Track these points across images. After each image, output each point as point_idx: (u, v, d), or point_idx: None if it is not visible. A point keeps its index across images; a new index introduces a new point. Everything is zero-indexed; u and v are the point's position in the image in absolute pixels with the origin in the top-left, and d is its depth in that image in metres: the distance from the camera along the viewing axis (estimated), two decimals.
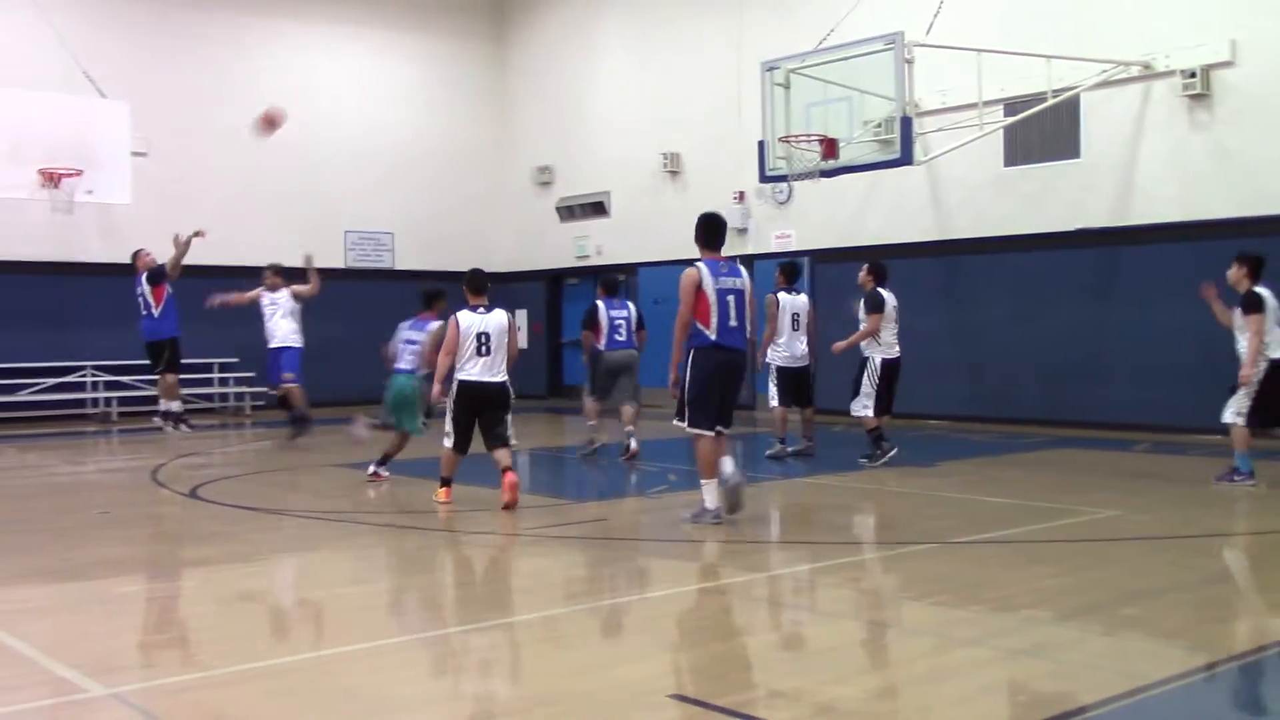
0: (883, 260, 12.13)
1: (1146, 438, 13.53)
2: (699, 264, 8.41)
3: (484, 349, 9.18)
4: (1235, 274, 10.09)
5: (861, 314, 11.63)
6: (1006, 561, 7.21)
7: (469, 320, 9.26)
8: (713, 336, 8.17)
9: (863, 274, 11.83)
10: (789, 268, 12.56)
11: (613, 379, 12.52)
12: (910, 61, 12.65)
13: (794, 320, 12.16)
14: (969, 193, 15.92)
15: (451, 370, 9.31)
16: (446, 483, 9.37)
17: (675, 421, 8.35)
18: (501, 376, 9.27)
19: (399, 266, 21.77)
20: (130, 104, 15.86)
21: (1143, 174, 14.30)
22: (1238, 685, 4.89)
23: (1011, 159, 15.46)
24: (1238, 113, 13.49)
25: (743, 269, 8.80)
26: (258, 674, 4.98)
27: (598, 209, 21.29)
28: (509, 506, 8.88)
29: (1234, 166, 13.53)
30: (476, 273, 9.82)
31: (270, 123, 13.22)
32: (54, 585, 6.81)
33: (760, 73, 14.06)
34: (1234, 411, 9.76)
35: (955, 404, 14.79)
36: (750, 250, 18.61)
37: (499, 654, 5.35)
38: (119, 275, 18.75)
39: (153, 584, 6.90)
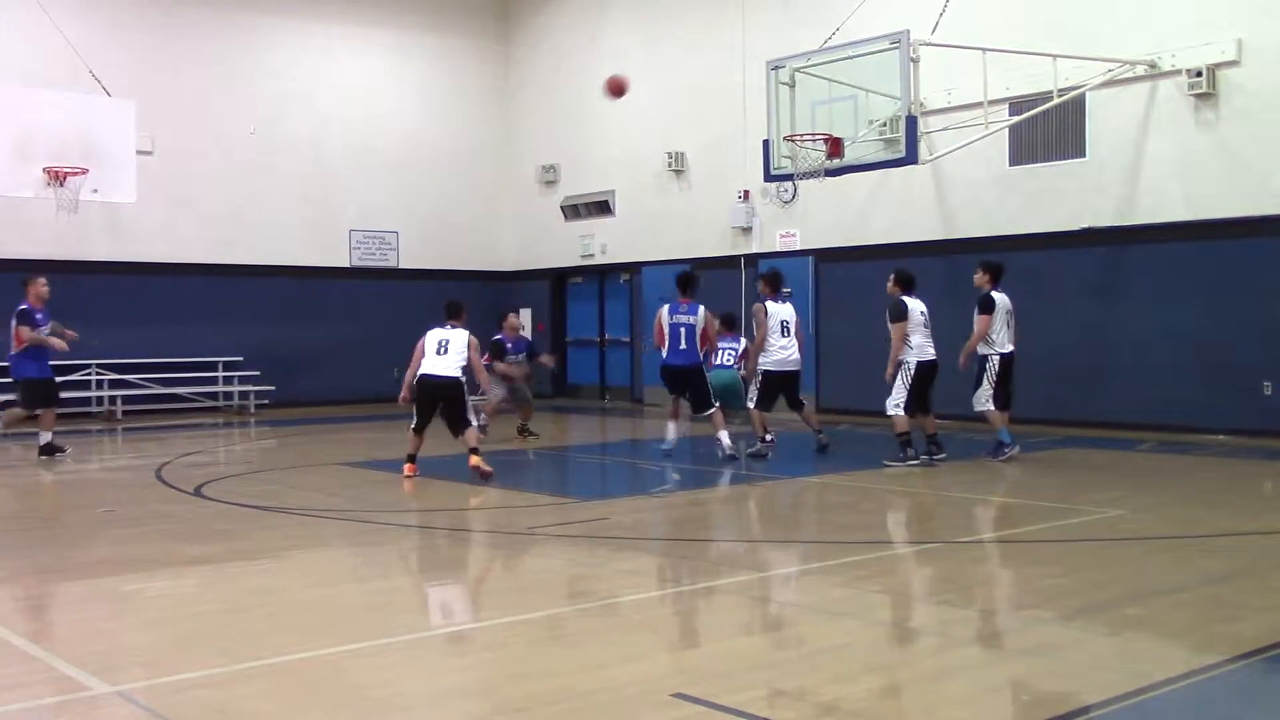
0: (901, 263, 12.23)
1: (1151, 437, 13.51)
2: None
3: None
4: (980, 278, 11.79)
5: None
6: (1010, 561, 7.21)
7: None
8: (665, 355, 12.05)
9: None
10: (772, 276, 12.59)
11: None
12: (915, 60, 12.63)
13: (783, 327, 12.21)
14: (974, 192, 15.91)
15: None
16: None
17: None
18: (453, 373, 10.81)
19: (403, 266, 21.80)
20: (136, 103, 15.87)
21: (1148, 173, 14.28)
22: (1241, 686, 4.88)
23: (1017, 158, 15.44)
24: (1244, 112, 13.47)
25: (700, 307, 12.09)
26: (263, 671, 4.98)
27: (603, 208, 21.29)
28: None
29: (1240, 166, 13.51)
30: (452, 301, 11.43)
31: (617, 89, 13.00)
32: (58, 583, 6.82)
33: (765, 71, 14.05)
34: (985, 399, 11.57)
35: (958, 404, 14.72)
36: (755, 249, 18.62)
37: (502, 652, 5.35)
38: (124, 274, 18.83)
39: (157, 582, 6.91)
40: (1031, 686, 4.80)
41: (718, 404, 12.28)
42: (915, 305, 11.58)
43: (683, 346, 12.06)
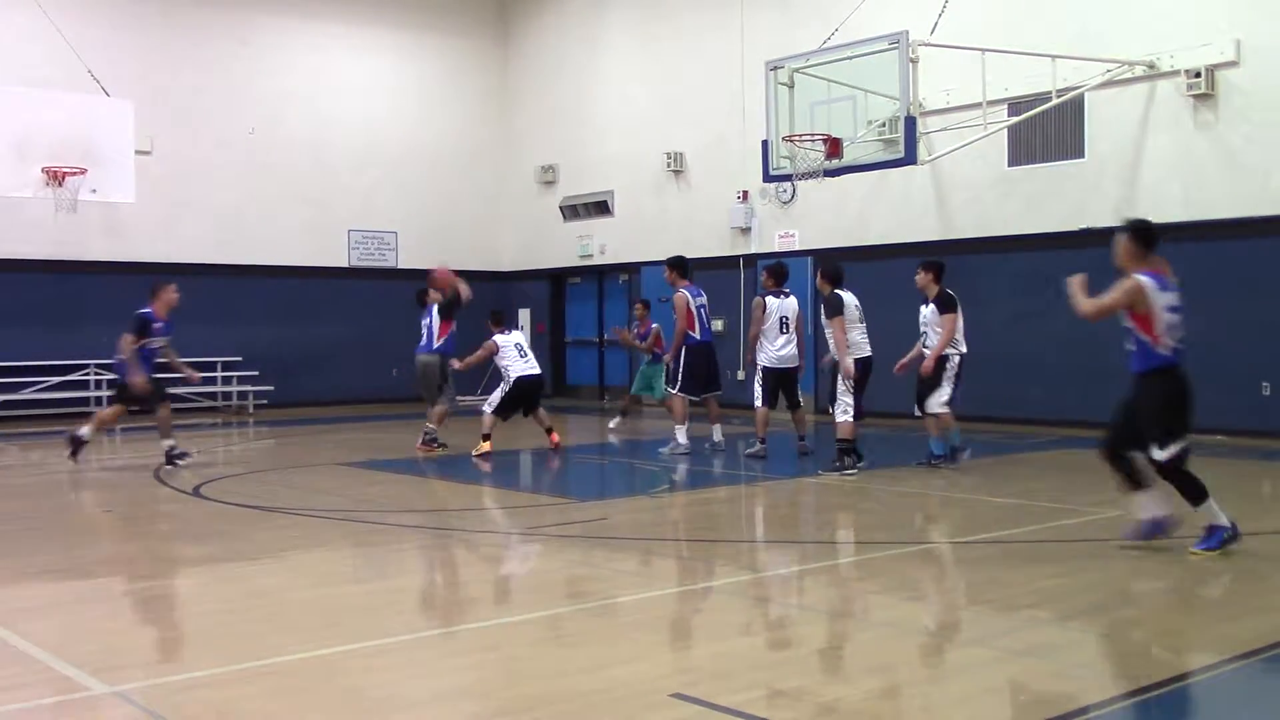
0: (839, 263, 11.83)
1: None
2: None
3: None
4: (923, 279, 11.24)
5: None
6: (1009, 561, 7.21)
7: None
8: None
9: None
10: (777, 270, 12.42)
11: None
12: (915, 61, 12.63)
13: (783, 323, 12.10)
14: (973, 193, 15.91)
15: None
16: None
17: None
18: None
19: (402, 266, 21.79)
20: (134, 102, 15.87)
21: (1147, 174, 14.29)
22: (1240, 686, 4.88)
23: (1016, 159, 15.45)
24: (1242, 113, 13.48)
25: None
26: (262, 672, 4.98)
27: (601, 208, 21.30)
28: None
29: (1238, 166, 13.52)
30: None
31: (443, 281, 13.09)
32: (57, 583, 6.82)
33: (764, 72, 14.04)
34: (941, 401, 11.06)
35: (958, 403, 14.74)
36: (754, 250, 18.62)
37: (501, 652, 5.35)
38: (122, 274, 18.80)
39: (156, 582, 6.91)
40: (1030, 687, 4.80)
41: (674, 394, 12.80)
42: (850, 299, 11.20)
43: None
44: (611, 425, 15.79)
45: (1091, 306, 7.65)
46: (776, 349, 12.11)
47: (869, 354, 11.26)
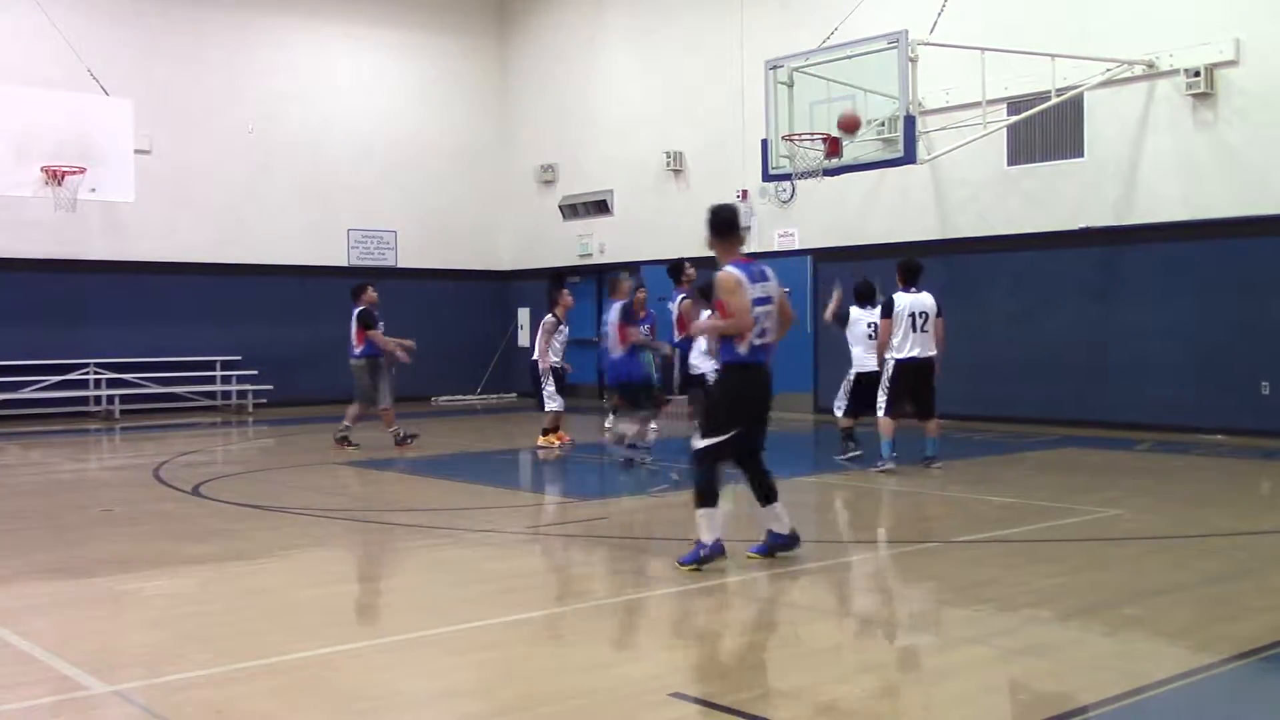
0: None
1: (1149, 437, 13.52)
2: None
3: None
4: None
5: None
6: (1008, 561, 7.21)
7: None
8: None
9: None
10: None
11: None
12: (914, 60, 12.63)
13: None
14: (972, 192, 15.91)
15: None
16: None
17: None
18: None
19: (402, 265, 21.79)
20: (134, 101, 15.87)
21: (1146, 173, 14.29)
22: (1240, 686, 4.89)
23: (1015, 158, 15.45)
24: (1241, 112, 13.47)
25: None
26: (261, 671, 4.98)
27: (601, 207, 21.29)
28: None
29: (1238, 166, 13.52)
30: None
31: (849, 126, 12.73)
32: (57, 582, 6.82)
33: (764, 71, 14.04)
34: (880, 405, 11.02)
35: (958, 403, 14.76)
36: (754, 249, 18.60)
37: (501, 652, 5.35)
38: (122, 273, 18.82)
39: (155, 581, 6.91)
40: (1030, 686, 4.80)
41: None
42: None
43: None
44: (608, 426, 15.65)
45: (707, 326, 7.27)
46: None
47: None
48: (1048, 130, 14.98)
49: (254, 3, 20.40)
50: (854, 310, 11.85)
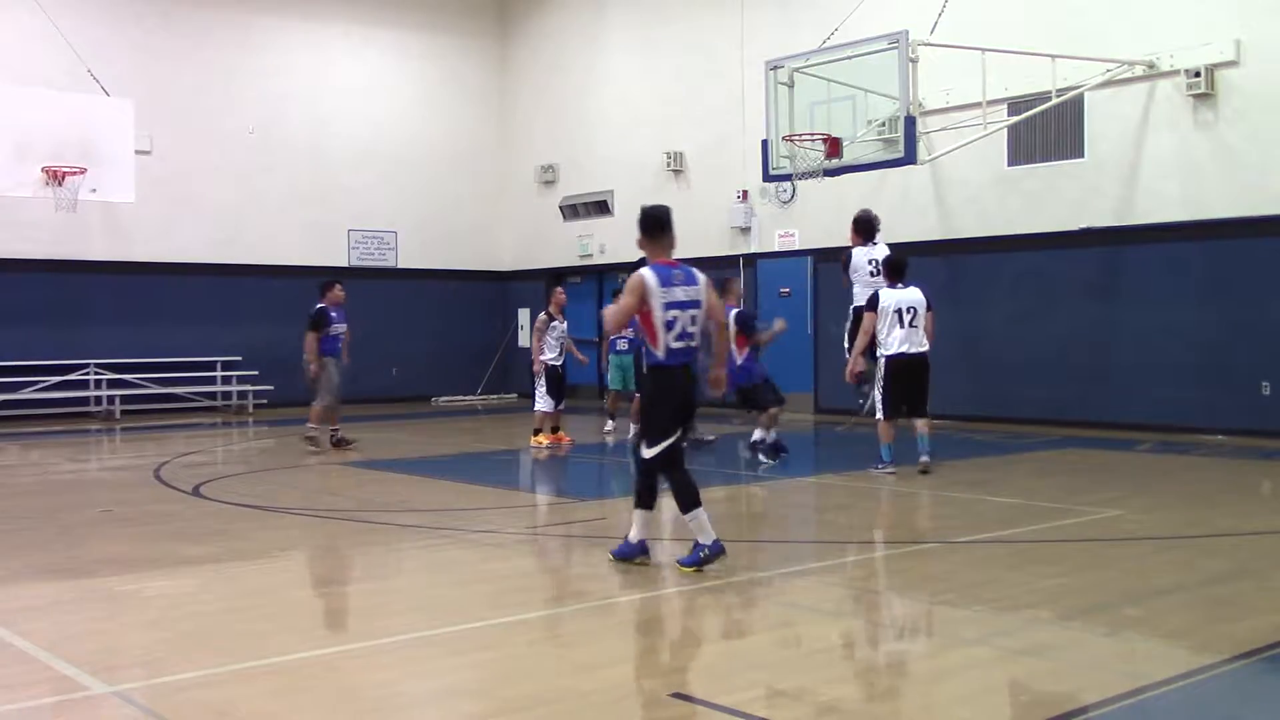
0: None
1: (1150, 437, 13.51)
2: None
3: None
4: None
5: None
6: (1009, 561, 7.20)
7: None
8: None
9: None
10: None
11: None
12: (914, 61, 12.63)
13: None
14: (973, 192, 15.91)
15: None
16: None
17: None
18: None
19: (402, 265, 21.79)
20: (134, 102, 15.87)
21: (1147, 174, 14.28)
22: (1240, 686, 4.88)
23: (1015, 158, 15.44)
24: (1242, 112, 13.47)
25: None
26: (261, 672, 4.98)
27: (601, 208, 21.29)
28: None
29: (1238, 166, 13.51)
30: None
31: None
32: (57, 583, 6.81)
33: (764, 72, 14.05)
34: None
35: (959, 403, 14.77)
36: (754, 249, 18.62)
37: (501, 652, 5.35)
38: (122, 273, 18.82)
39: (156, 581, 6.90)
40: (1031, 686, 4.80)
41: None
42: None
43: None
44: (606, 429, 15.63)
45: (609, 314, 7.40)
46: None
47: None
48: (1048, 131, 14.98)
49: (254, 4, 20.41)
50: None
